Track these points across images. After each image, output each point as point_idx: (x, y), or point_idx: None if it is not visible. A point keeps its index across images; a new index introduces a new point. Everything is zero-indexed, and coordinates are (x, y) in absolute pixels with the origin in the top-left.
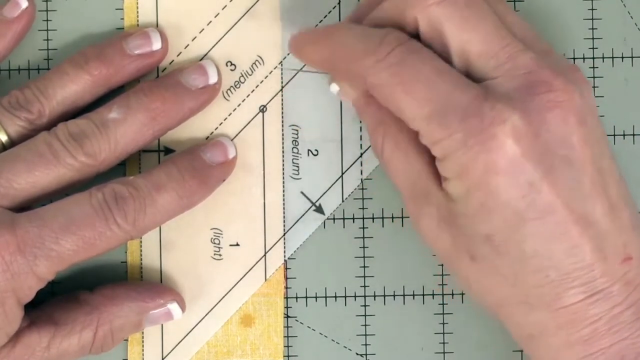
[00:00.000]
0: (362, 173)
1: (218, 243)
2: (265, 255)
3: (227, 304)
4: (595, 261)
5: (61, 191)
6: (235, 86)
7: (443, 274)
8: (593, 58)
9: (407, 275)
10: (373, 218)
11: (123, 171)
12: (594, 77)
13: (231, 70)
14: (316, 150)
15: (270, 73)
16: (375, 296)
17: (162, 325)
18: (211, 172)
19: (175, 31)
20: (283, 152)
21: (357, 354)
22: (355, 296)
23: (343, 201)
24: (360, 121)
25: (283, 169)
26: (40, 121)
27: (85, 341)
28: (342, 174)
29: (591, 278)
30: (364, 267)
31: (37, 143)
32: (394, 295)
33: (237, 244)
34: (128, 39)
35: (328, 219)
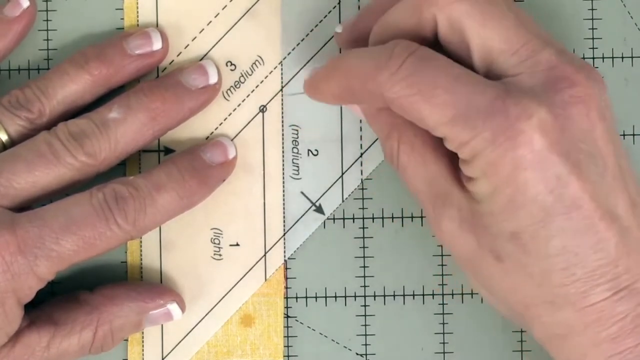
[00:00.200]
0: (362, 173)
1: (218, 243)
2: (265, 255)
3: (227, 304)
4: (619, 257)
5: (61, 191)
6: (235, 86)
7: (443, 274)
8: (593, 58)
9: (407, 275)
10: (373, 218)
11: (123, 171)
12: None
13: (231, 70)
14: (316, 150)
15: (270, 73)
16: (375, 296)
17: (162, 325)
18: (211, 172)
19: (175, 31)
20: (283, 152)
21: (357, 354)
22: (355, 296)
23: (343, 201)
24: (360, 120)
25: (283, 169)
26: (40, 121)
27: (85, 341)
28: (342, 174)
29: (616, 275)
30: (364, 267)
31: (38, 143)
32: (394, 295)
33: (237, 244)
34: (128, 39)
35: (328, 219)
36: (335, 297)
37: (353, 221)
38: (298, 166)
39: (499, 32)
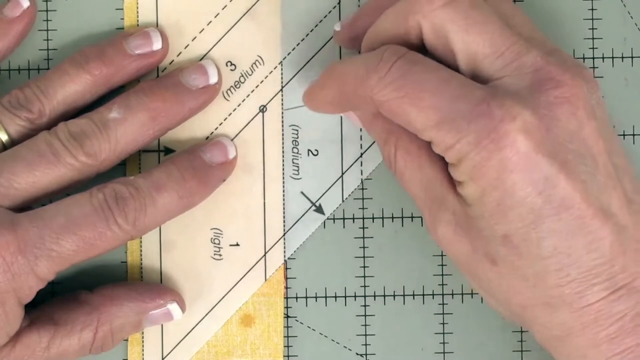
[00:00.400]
0: (362, 173)
1: (218, 243)
2: (265, 255)
3: (227, 304)
4: (615, 256)
5: (61, 191)
6: (235, 86)
7: (443, 274)
8: (593, 58)
9: (407, 275)
10: (373, 218)
11: (123, 171)
12: (594, 77)
13: (231, 70)
14: (316, 150)
15: (270, 73)
16: (375, 296)
17: (162, 325)
18: (211, 172)
19: (175, 31)
20: (283, 152)
21: (357, 354)
22: (355, 296)
23: (343, 201)
24: None
25: (283, 169)
26: (40, 121)
27: (85, 341)
28: (342, 174)
29: (612, 274)
30: (364, 267)
31: (38, 143)
32: (394, 295)
33: (237, 244)
34: (129, 39)
35: (328, 219)
36: (335, 297)
37: (353, 221)
38: (298, 166)
39: (483, 37)
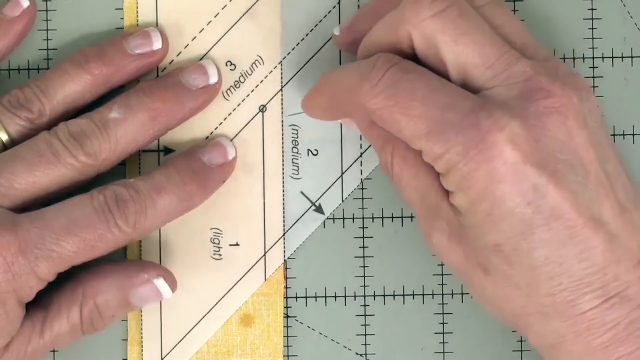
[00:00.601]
0: (362, 173)
1: (218, 243)
2: (265, 255)
3: (227, 304)
4: (608, 265)
5: (62, 191)
6: (235, 86)
7: (443, 274)
8: (593, 58)
9: (407, 275)
10: (373, 218)
11: (123, 171)
12: (594, 77)
13: (231, 70)
14: (316, 150)
15: (270, 73)
16: (375, 296)
17: (162, 325)
18: (211, 175)
19: (175, 31)
20: (283, 152)
21: (357, 354)
22: (355, 296)
23: (343, 201)
24: None
25: (283, 169)
26: (40, 121)
27: (74, 320)
28: (342, 174)
29: (605, 283)
30: (364, 267)
31: (38, 143)
32: (394, 295)
33: (237, 244)
34: (129, 39)
35: (328, 219)
36: (335, 297)
37: (353, 221)
38: (298, 166)
39: (473, 47)
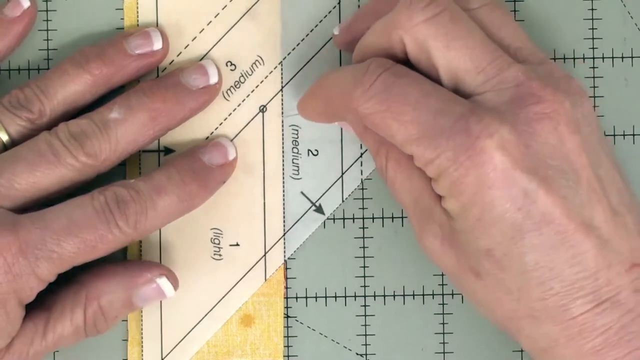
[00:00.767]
0: (362, 173)
1: (218, 243)
2: (265, 255)
3: (227, 304)
4: (599, 269)
5: (62, 191)
6: (235, 86)
7: (443, 274)
8: (593, 58)
9: (407, 275)
10: (373, 218)
11: (123, 171)
12: (594, 77)
13: (231, 70)
14: (316, 150)
15: (270, 73)
16: (375, 296)
17: (162, 325)
18: (211, 175)
19: (175, 31)
20: (283, 152)
21: (357, 354)
22: (355, 296)
23: (343, 201)
24: None
25: (283, 169)
26: (41, 121)
27: (77, 322)
28: (342, 174)
29: (596, 287)
30: (364, 267)
31: (38, 143)
32: (394, 295)
33: (237, 244)
34: (129, 39)
35: (328, 219)
36: (335, 297)
37: (353, 221)
38: (298, 166)
39: (464, 52)
